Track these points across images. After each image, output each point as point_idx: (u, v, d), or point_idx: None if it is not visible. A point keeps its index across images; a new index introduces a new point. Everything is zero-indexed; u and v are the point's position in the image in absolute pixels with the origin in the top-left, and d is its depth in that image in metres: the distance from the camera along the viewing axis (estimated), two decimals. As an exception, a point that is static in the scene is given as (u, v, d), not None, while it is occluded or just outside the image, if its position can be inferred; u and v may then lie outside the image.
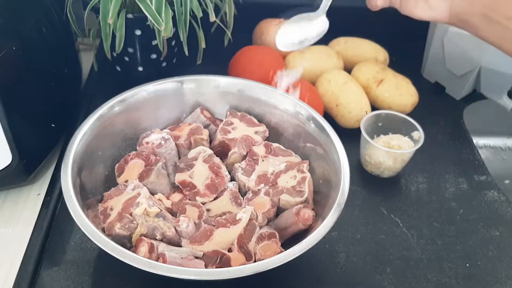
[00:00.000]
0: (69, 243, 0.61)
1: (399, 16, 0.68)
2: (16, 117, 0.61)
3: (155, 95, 0.67)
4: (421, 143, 0.71)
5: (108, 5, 0.68)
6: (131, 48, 0.79)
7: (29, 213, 0.65)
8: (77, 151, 0.57)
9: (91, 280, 0.58)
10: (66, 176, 0.54)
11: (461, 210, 0.70)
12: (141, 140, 0.65)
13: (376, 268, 0.62)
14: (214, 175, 0.62)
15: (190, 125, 0.68)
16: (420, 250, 0.64)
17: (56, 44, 0.71)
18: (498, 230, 0.67)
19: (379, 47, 0.91)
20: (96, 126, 0.61)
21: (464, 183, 0.74)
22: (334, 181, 0.58)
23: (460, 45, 0.85)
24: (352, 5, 1.00)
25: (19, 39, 0.61)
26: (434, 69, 0.93)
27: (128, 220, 0.55)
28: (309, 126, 0.65)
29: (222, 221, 0.57)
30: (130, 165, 0.62)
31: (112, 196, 0.59)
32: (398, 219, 0.68)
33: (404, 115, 0.75)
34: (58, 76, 0.71)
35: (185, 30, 0.72)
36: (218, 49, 0.84)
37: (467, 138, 0.83)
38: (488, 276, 0.62)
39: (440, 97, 0.91)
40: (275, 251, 0.55)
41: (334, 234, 0.65)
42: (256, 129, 0.68)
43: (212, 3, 0.74)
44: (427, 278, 0.61)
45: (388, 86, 0.82)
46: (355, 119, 0.78)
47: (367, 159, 0.73)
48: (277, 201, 0.61)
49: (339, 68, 0.87)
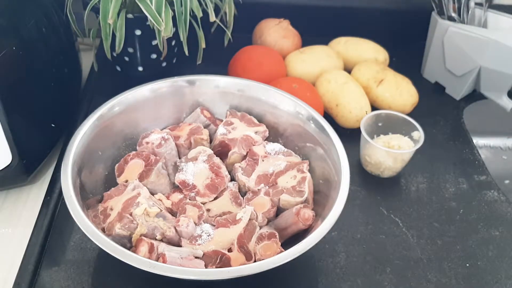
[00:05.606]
0: (69, 243, 0.61)
1: (399, 16, 0.68)
2: (16, 117, 0.61)
3: (155, 95, 0.67)
4: (421, 143, 0.71)
5: (108, 5, 0.68)
6: (131, 48, 0.79)
7: (29, 213, 0.65)
8: (77, 151, 0.57)
9: (91, 280, 0.58)
10: (66, 176, 0.54)
11: (461, 210, 0.70)
12: (141, 140, 0.65)
13: (376, 268, 0.62)
14: (214, 175, 0.62)
15: (190, 125, 0.68)
16: (420, 250, 0.64)
17: (56, 44, 0.71)
18: (498, 230, 0.67)
19: (379, 47, 0.91)
20: (96, 126, 0.61)
21: (464, 183, 0.74)
22: (334, 181, 0.58)
23: (460, 45, 0.85)
24: (352, 5, 1.00)
25: (19, 39, 0.61)
26: (434, 69, 0.93)
27: (128, 220, 0.55)
28: (309, 126, 0.65)
29: (222, 221, 0.57)
30: (130, 165, 0.62)
31: (112, 196, 0.59)
32: (398, 219, 0.68)
33: (404, 115, 0.75)
34: (58, 76, 0.71)
35: (185, 30, 0.72)
36: (218, 49, 0.84)
37: (467, 138, 0.83)
38: (488, 276, 0.62)
39: (440, 97, 0.92)
40: (275, 251, 0.55)
41: (334, 234, 0.65)
42: (256, 129, 0.68)
43: (212, 3, 0.74)
44: (427, 278, 0.61)
45: (388, 86, 0.82)
46: (355, 119, 0.78)
47: (367, 159, 0.73)
48: (277, 201, 0.61)
49: (339, 68, 0.87)
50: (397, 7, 1.00)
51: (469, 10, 0.88)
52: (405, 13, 1.00)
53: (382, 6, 1.00)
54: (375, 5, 1.00)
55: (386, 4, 1.00)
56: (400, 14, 1.01)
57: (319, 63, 0.86)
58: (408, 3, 0.99)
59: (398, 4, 1.00)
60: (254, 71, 0.82)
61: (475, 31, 0.83)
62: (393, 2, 1.00)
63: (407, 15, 1.00)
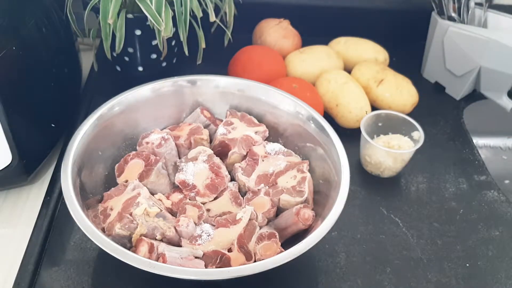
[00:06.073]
0: (69, 243, 0.61)
1: (399, 16, 0.68)
2: (16, 117, 0.61)
3: (155, 95, 0.67)
4: (421, 143, 0.71)
5: (108, 5, 0.68)
6: (131, 48, 0.79)
7: (29, 213, 0.65)
8: (77, 151, 0.57)
9: (91, 280, 0.58)
10: (66, 176, 0.54)
11: (461, 210, 0.70)
12: (141, 140, 0.65)
13: (376, 268, 0.62)
14: (214, 175, 0.62)
15: (190, 125, 0.68)
16: (420, 250, 0.64)
17: (56, 44, 0.71)
18: (498, 230, 0.67)
19: (379, 47, 0.91)
20: (96, 126, 0.61)
21: (464, 183, 0.74)
22: (334, 181, 0.58)
23: (460, 45, 0.85)
24: (352, 5, 1.00)
25: (19, 39, 0.61)
26: (434, 69, 0.93)
27: (128, 220, 0.55)
28: (309, 126, 0.65)
29: (222, 221, 0.57)
30: (130, 165, 0.62)
31: (112, 196, 0.59)
32: (398, 219, 0.68)
33: (404, 115, 0.75)
34: (58, 76, 0.71)
35: (185, 30, 0.72)
36: (218, 49, 0.84)
37: (467, 138, 0.83)
38: (488, 276, 0.62)
39: (440, 97, 0.92)
40: (275, 251, 0.55)
41: (334, 234, 0.65)
42: (256, 129, 0.68)
43: (212, 3, 0.74)
44: (427, 278, 0.61)
45: (388, 86, 0.82)
46: (355, 119, 0.78)
47: (367, 159, 0.73)
48: (277, 201, 0.61)
49: (339, 68, 0.87)
50: (397, 7, 1.00)
51: (469, 10, 0.88)
52: (405, 13, 1.00)
53: (382, 6, 1.00)
54: (375, 5, 1.00)
55: (386, 4, 1.00)
56: (400, 14, 1.01)
57: (319, 63, 0.86)
58: (408, 3, 0.99)
59: (398, 4, 1.00)
60: (254, 71, 0.82)
61: (475, 31, 0.83)
62: (393, 2, 1.00)
63: (407, 15, 1.00)
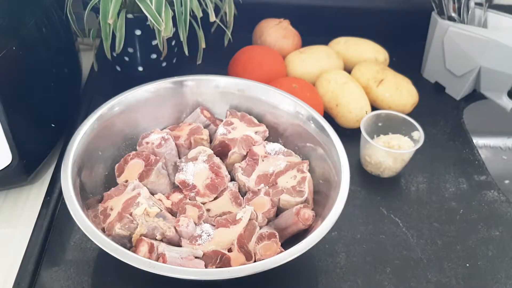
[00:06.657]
0: (69, 243, 0.61)
1: (399, 16, 0.68)
2: (16, 117, 0.61)
3: (155, 95, 0.67)
4: (421, 143, 0.71)
5: (108, 5, 0.68)
6: (131, 48, 0.79)
7: (29, 213, 0.65)
8: (77, 151, 0.57)
9: (91, 280, 0.58)
10: (66, 176, 0.54)
11: (461, 210, 0.70)
12: (141, 140, 0.65)
13: (376, 268, 0.62)
14: (214, 175, 0.62)
15: (190, 125, 0.68)
16: (420, 250, 0.64)
17: (56, 44, 0.71)
18: (498, 230, 0.67)
19: (379, 47, 0.91)
20: (96, 126, 0.61)
21: (464, 183, 0.74)
22: (334, 181, 0.58)
23: (460, 45, 0.85)
24: (352, 5, 1.00)
25: (19, 39, 0.61)
26: (434, 69, 0.93)
27: (128, 220, 0.55)
28: (309, 126, 0.65)
29: (222, 221, 0.57)
30: (130, 165, 0.62)
31: (112, 196, 0.59)
32: (398, 219, 0.68)
33: (404, 115, 0.75)
34: (58, 76, 0.71)
35: (185, 30, 0.72)
36: (218, 49, 0.84)
37: (467, 138, 0.83)
38: (488, 276, 0.62)
39: (440, 97, 0.92)
40: (275, 251, 0.55)
41: (334, 234, 0.65)
42: (256, 129, 0.68)
43: (212, 3, 0.74)
44: (427, 278, 0.61)
45: (388, 86, 0.82)
46: (355, 119, 0.78)
47: (367, 159, 0.73)
48: (277, 201, 0.61)
49: (339, 68, 0.87)
50: (397, 7, 1.00)
51: (469, 10, 0.88)
52: (405, 13, 1.00)
53: (382, 6, 1.00)
54: (375, 5, 1.00)
55: (386, 4, 1.00)
56: (400, 14, 1.01)
57: (319, 63, 0.86)
58: (408, 3, 0.99)
59: (398, 4, 1.00)
60: (254, 71, 0.82)
61: (475, 31, 0.83)
62: (393, 2, 1.00)
63: (407, 15, 1.00)
